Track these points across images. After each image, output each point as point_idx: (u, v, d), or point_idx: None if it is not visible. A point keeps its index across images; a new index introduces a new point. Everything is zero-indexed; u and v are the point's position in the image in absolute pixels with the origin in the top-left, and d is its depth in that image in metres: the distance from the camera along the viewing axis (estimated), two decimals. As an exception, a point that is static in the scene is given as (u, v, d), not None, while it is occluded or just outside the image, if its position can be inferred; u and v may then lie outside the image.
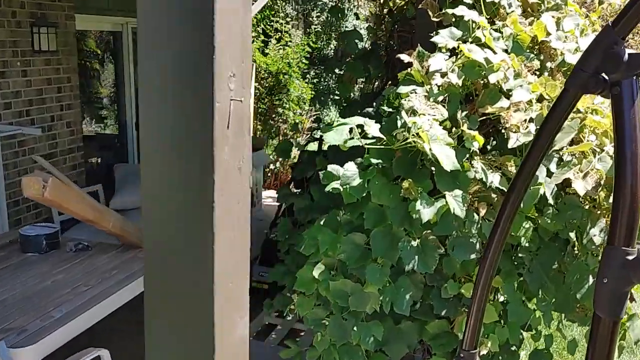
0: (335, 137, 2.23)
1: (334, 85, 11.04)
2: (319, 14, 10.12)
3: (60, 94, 5.19)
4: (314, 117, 8.95)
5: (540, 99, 2.26)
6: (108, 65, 6.55)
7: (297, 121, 8.61)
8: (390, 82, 3.59)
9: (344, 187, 2.34)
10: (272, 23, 8.89)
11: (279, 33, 8.99)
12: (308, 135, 8.71)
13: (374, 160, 2.32)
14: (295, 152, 6.78)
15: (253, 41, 8.49)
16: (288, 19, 9.53)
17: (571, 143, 2.16)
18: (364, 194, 2.30)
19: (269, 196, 8.14)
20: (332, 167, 2.47)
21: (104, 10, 5.85)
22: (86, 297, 2.83)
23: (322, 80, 10.97)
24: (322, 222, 2.67)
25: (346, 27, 11.63)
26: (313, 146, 4.18)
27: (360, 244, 2.39)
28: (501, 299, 2.45)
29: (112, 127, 6.67)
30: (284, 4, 9.44)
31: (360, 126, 2.32)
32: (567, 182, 2.19)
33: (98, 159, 6.61)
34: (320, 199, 3.11)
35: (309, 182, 3.42)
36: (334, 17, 9.21)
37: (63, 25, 5.11)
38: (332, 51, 12.68)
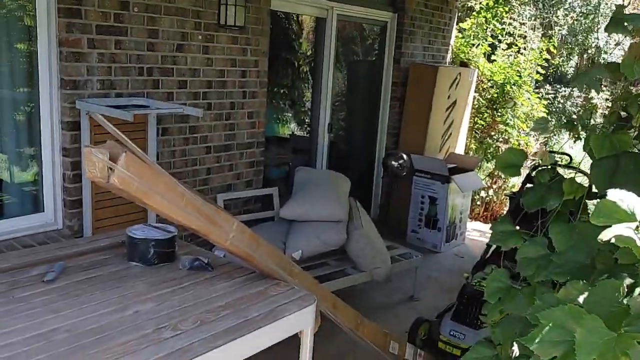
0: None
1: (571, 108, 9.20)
2: (566, 12, 8.31)
3: (245, 79, 4.52)
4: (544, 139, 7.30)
5: None
6: (305, 55, 5.82)
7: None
8: None
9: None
10: (503, 24, 7.47)
11: (511, 37, 7.53)
12: (532, 162, 7.10)
13: None
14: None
15: (477, 45, 7.20)
16: (522, 20, 7.99)
17: None
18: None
19: (474, 229, 6.88)
20: (618, 195, 1.20)
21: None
22: (157, 354, 1.61)
23: (555, 99, 9.23)
24: (581, 300, 1.39)
25: (597, 38, 9.67)
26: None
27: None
28: None
29: (301, 126, 5.93)
30: (523, 4, 7.92)
31: None
32: None
33: (288, 161, 5.93)
34: (570, 251, 1.78)
35: (547, 219, 2.09)
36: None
37: (256, 0, 4.45)
38: (572, 68, 10.77)
